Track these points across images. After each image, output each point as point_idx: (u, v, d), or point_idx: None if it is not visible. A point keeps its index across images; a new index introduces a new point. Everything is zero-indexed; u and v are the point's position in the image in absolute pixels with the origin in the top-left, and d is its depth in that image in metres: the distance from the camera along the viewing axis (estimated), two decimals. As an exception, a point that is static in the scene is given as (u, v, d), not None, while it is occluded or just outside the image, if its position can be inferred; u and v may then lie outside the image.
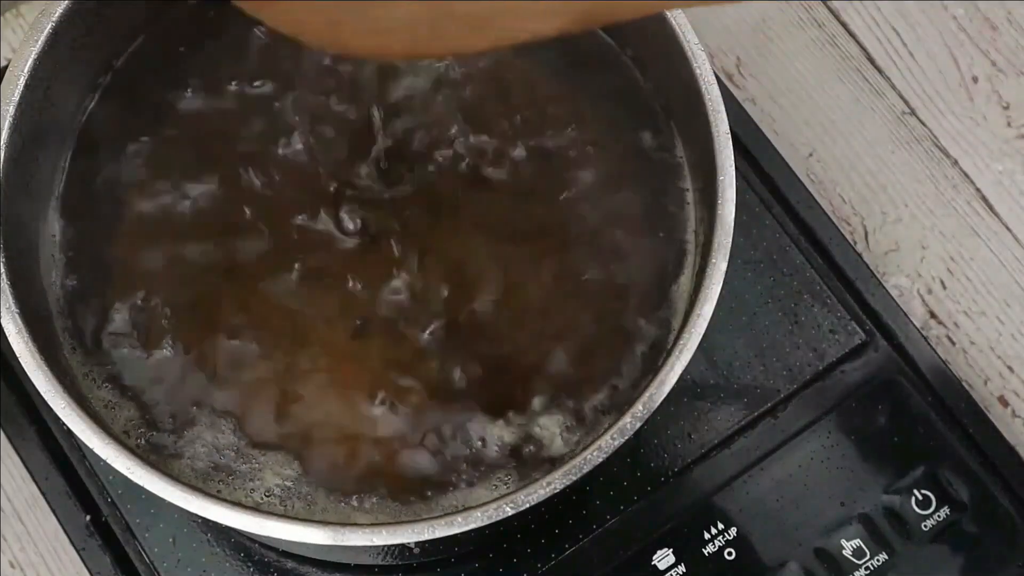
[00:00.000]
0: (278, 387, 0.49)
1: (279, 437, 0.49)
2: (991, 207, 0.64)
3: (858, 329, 0.58)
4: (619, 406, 0.49)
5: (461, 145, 0.53)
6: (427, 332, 0.50)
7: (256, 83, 0.54)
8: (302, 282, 0.51)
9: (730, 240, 0.46)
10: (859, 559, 0.54)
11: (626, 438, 0.43)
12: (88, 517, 0.55)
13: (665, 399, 0.44)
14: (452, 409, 0.49)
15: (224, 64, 0.54)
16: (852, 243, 0.61)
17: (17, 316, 0.45)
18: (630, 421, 0.43)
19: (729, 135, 0.47)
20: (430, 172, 0.53)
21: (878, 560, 0.54)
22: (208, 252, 0.51)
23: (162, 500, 0.43)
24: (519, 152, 0.53)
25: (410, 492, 0.48)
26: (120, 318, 0.50)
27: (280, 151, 0.53)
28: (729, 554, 0.54)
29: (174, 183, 0.52)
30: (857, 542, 0.55)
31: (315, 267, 0.51)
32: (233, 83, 0.54)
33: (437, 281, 0.51)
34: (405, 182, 0.52)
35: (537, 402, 0.49)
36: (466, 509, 0.42)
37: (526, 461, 0.48)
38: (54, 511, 0.56)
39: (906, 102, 0.66)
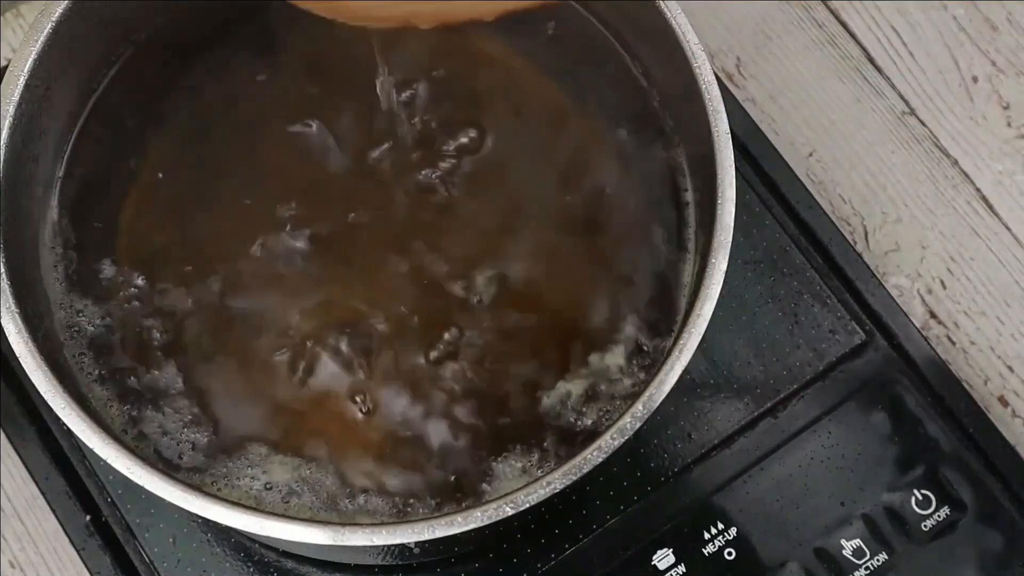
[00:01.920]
0: (280, 381, 0.50)
1: (282, 432, 0.49)
2: (991, 207, 0.64)
3: (858, 329, 0.58)
4: (618, 408, 0.49)
5: (461, 142, 0.53)
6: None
7: (259, 79, 0.54)
8: (309, 281, 0.51)
9: (730, 240, 0.46)
10: (859, 559, 0.54)
11: (626, 438, 0.43)
12: (88, 517, 0.55)
13: (665, 399, 0.44)
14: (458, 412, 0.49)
15: (226, 63, 0.54)
16: (852, 243, 0.61)
17: (17, 316, 0.45)
18: (630, 421, 0.43)
19: (729, 135, 0.47)
20: (436, 172, 0.53)
21: (878, 560, 0.54)
22: (208, 251, 0.51)
23: (162, 500, 0.43)
24: (517, 153, 0.53)
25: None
26: (120, 317, 0.50)
27: (283, 142, 0.53)
28: (729, 554, 0.54)
29: (175, 183, 0.52)
30: (857, 542, 0.55)
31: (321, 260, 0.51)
32: (234, 82, 0.54)
33: (439, 279, 0.51)
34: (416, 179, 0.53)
35: (531, 406, 0.49)
36: (466, 509, 0.42)
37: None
38: (54, 511, 0.56)
39: (906, 102, 0.66)
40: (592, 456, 0.43)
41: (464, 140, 0.53)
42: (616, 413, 0.49)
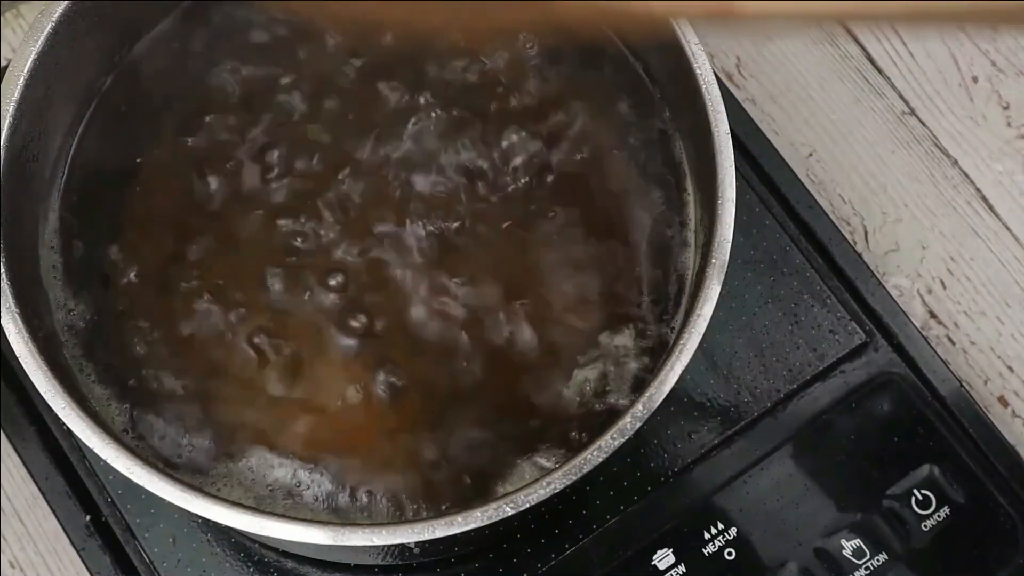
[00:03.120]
0: (282, 384, 0.49)
1: (283, 436, 0.49)
2: (991, 207, 0.64)
3: (858, 329, 0.58)
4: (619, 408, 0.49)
5: (463, 143, 0.53)
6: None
7: (259, 80, 0.54)
8: (310, 285, 0.51)
9: (730, 240, 0.46)
10: (859, 559, 0.54)
11: (626, 438, 0.43)
12: (88, 517, 0.55)
13: (665, 399, 0.44)
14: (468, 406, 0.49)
15: (226, 63, 0.54)
16: (852, 243, 0.61)
17: (17, 316, 0.45)
18: (630, 421, 0.43)
19: (729, 135, 0.47)
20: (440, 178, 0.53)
21: (878, 560, 0.54)
22: (209, 252, 0.51)
23: (162, 500, 0.43)
24: (518, 153, 0.53)
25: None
26: (120, 317, 0.50)
27: (286, 147, 0.53)
28: (729, 554, 0.54)
29: (175, 183, 0.52)
30: (857, 542, 0.55)
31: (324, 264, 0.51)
32: (234, 82, 0.54)
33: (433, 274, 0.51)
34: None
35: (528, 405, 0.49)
36: (466, 509, 0.42)
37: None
38: (54, 511, 0.56)
39: (906, 102, 0.66)
40: (592, 456, 0.43)
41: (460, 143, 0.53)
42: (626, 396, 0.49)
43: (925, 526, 0.55)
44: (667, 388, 0.44)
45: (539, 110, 0.54)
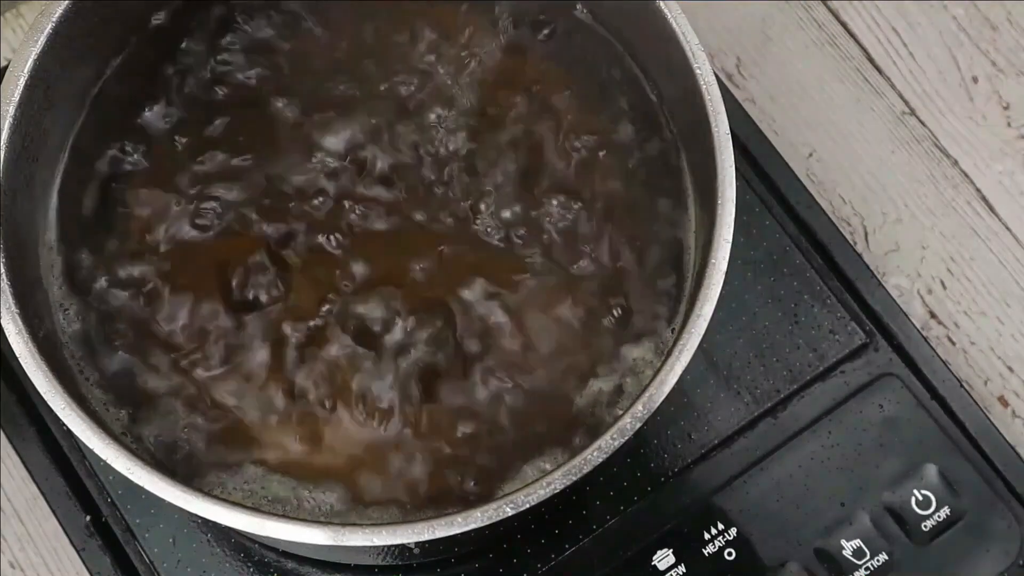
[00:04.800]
0: (281, 391, 0.49)
1: (283, 448, 0.49)
2: (991, 207, 0.64)
3: (858, 329, 0.58)
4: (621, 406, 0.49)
5: (463, 147, 0.53)
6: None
7: (254, 78, 0.54)
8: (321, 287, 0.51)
9: (730, 240, 0.46)
10: (859, 559, 0.54)
11: (626, 438, 0.43)
12: (88, 517, 0.55)
13: (665, 399, 0.44)
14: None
15: (224, 63, 0.54)
16: (852, 243, 0.61)
17: (17, 316, 0.45)
18: (630, 421, 0.43)
19: (729, 135, 0.47)
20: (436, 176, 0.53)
21: (878, 560, 0.54)
22: (208, 253, 0.51)
23: (162, 500, 0.43)
24: (518, 154, 0.53)
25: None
26: (120, 318, 0.50)
27: (284, 145, 0.53)
28: (729, 554, 0.54)
29: (174, 183, 0.52)
30: (857, 542, 0.55)
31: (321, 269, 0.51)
32: (233, 82, 0.54)
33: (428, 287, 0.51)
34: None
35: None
36: (466, 509, 0.42)
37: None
38: (54, 511, 0.56)
39: (906, 102, 0.66)
40: (592, 456, 0.43)
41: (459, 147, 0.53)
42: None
43: (925, 526, 0.55)
44: (667, 388, 0.44)
45: (536, 115, 0.54)
